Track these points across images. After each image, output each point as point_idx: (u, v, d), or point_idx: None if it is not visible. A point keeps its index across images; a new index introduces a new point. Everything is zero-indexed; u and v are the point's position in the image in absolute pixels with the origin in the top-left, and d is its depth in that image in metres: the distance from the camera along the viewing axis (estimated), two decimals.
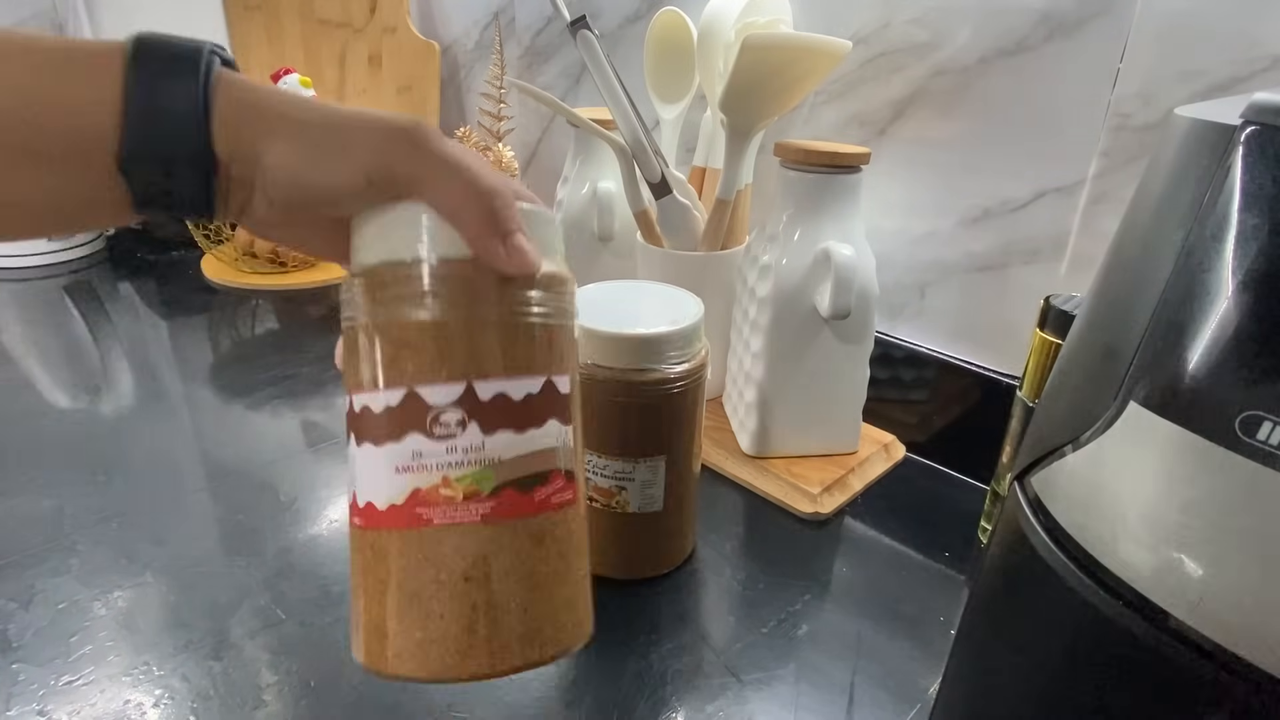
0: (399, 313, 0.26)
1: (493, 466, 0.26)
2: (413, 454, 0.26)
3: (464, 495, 0.26)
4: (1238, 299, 0.19)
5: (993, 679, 0.29)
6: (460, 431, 0.26)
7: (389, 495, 0.26)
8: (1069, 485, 0.24)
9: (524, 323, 0.27)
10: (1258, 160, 0.20)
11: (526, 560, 0.26)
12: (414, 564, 0.26)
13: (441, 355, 0.26)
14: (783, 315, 0.55)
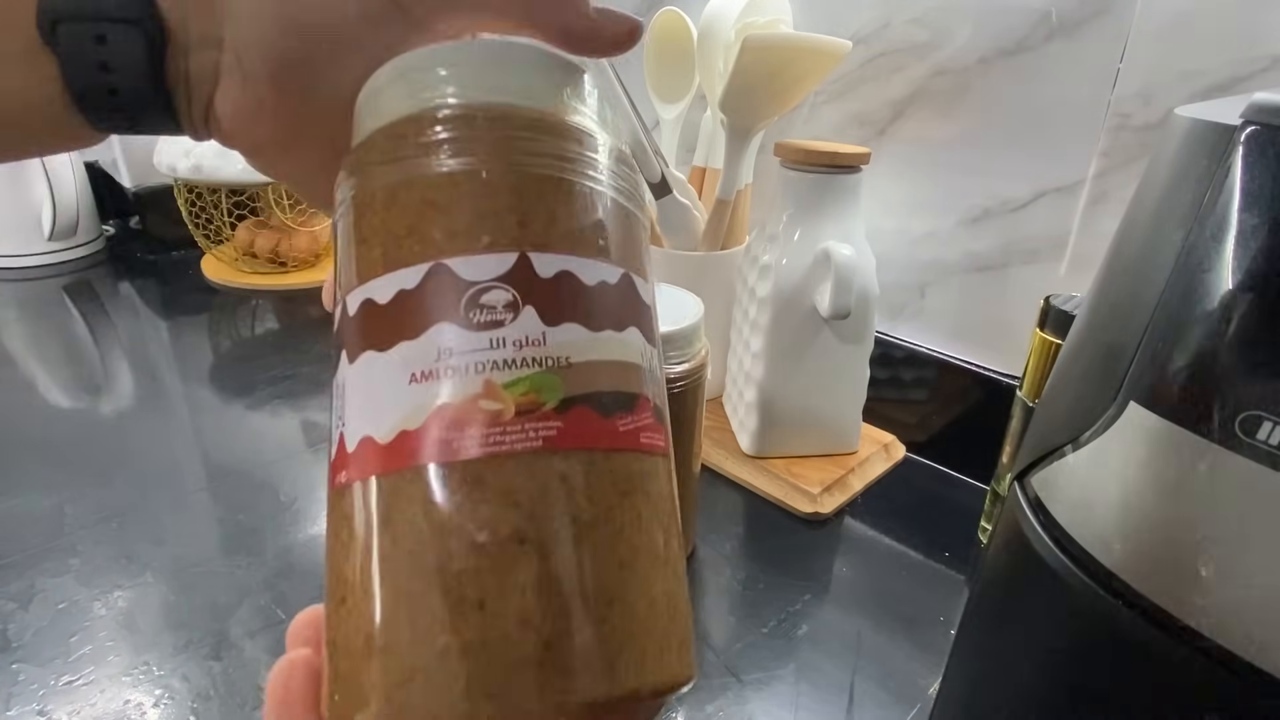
0: (422, 166, 0.18)
1: (559, 370, 0.17)
2: (439, 351, 0.17)
3: (516, 409, 0.17)
4: (1238, 299, 0.19)
5: (993, 679, 0.29)
6: (510, 317, 0.17)
7: (399, 419, 0.17)
8: (1069, 485, 0.24)
9: (594, 189, 0.19)
10: (1258, 160, 0.20)
11: (611, 519, 0.17)
12: (438, 523, 0.16)
13: (482, 216, 0.18)
14: (783, 315, 0.55)
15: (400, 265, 0.18)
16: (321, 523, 0.53)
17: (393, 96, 0.20)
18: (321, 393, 0.71)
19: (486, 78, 0.19)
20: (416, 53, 0.20)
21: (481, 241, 0.17)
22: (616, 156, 0.20)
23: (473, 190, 0.18)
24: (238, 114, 0.21)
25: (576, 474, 0.17)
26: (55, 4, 0.19)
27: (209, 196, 0.95)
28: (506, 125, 0.19)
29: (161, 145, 0.92)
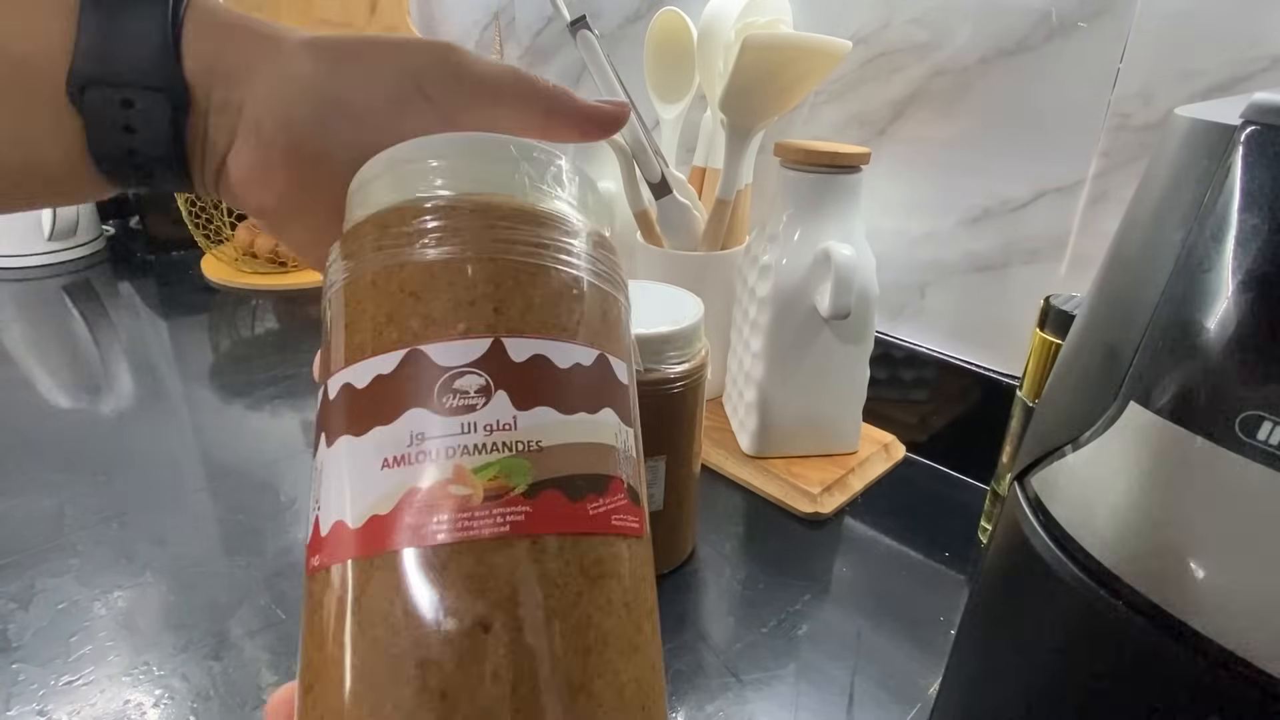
0: (404, 255, 0.19)
1: (529, 454, 0.17)
2: (411, 436, 0.17)
3: (485, 494, 0.16)
4: (1238, 299, 0.19)
5: (993, 679, 0.29)
6: (482, 402, 0.17)
7: (370, 503, 0.17)
8: (1069, 485, 0.24)
9: (571, 274, 0.20)
10: (1258, 160, 0.20)
11: (579, 604, 0.17)
12: (403, 609, 0.16)
13: (458, 303, 0.18)
14: (783, 315, 0.55)
15: (379, 351, 0.18)
16: None
17: (381, 187, 0.20)
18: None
19: (469, 169, 0.20)
20: (405, 145, 0.20)
21: (457, 328, 0.18)
22: (595, 241, 0.21)
23: (451, 278, 0.18)
24: (248, 177, 0.22)
25: (544, 559, 0.16)
26: (87, 69, 0.20)
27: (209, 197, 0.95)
28: (486, 215, 0.19)
29: None
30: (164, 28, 0.20)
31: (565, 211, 0.21)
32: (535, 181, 0.21)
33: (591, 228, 0.21)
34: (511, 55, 0.91)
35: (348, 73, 0.21)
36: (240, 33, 0.21)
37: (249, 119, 0.21)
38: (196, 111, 0.21)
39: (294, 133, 0.21)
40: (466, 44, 0.95)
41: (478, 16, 0.93)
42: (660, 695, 0.18)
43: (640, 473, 0.21)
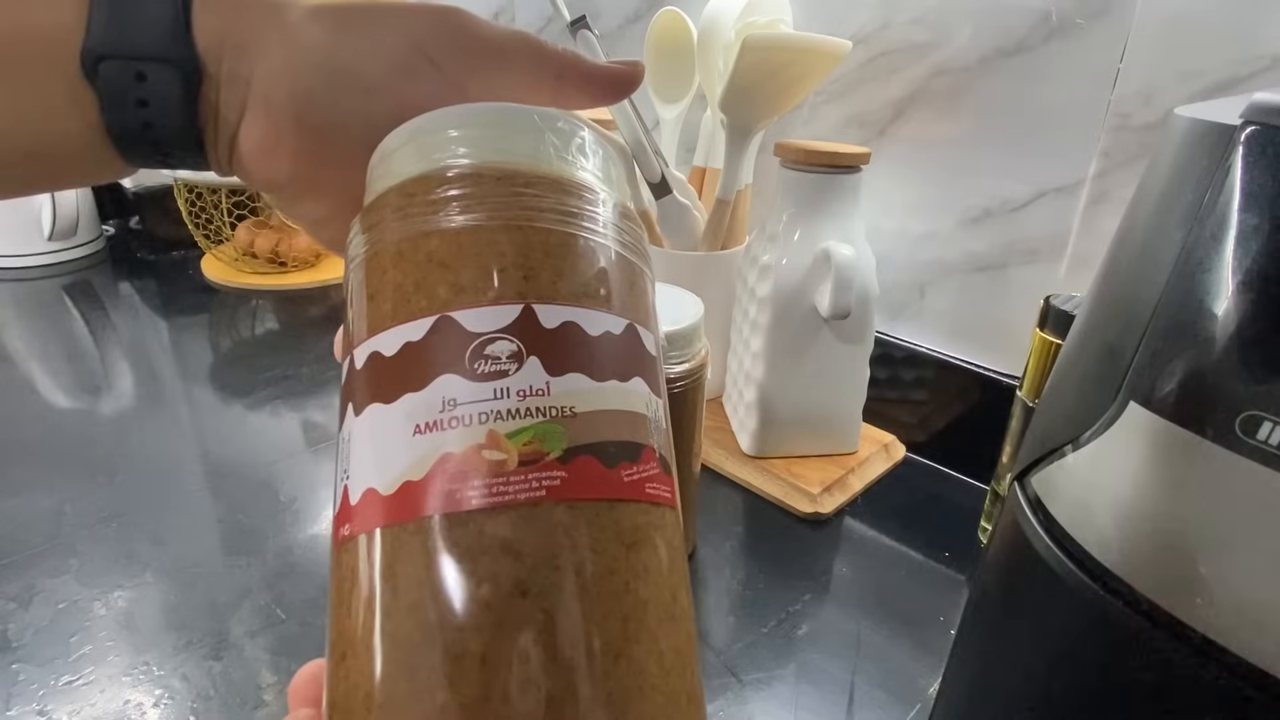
0: (431, 223, 0.19)
1: (562, 419, 0.17)
2: (444, 402, 0.17)
3: (520, 459, 0.16)
4: (1238, 299, 0.19)
5: (993, 679, 0.29)
6: (514, 368, 0.17)
7: (403, 469, 0.17)
8: (1069, 485, 0.24)
9: (599, 242, 0.20)
10: (1258, 160, 0.20)
11: (616, 571, 0.17)
12: (439, 574, 0.16)
13: (486, 270, 0.18)
14: (783, 315, 0.55)
15: (407, 319, 0.18)
16: (321, 523, 0.53)
17: (404, 157, 0.20)
18: (321, 393, 0.71)
19: (494, 139, 0.20)
20: (428, 115, 0.20)
21: (487, 295, 0.18)
22: (621, 212, 0.21)
23: (479, 245, 0.18)
24: (259, 149, 0.22)
25: (580, 525, 0.16)
26: (99, 43, 0.20)
27: (209, 196, 0.95)
28: (512, 182, 0.19)
29: None
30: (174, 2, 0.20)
31: (591, 181, 0.21)
32: (560, 151, 0.20)
33: (617, 199, 0.21)
34: None
35: (352, 41, 0.21)
36: (248, 4, 0.21)
37: (258, 90, 0.21)
38: (208, 84, 0.21)
39: (301, 103, 0.21)
40: None
41: None
42: (696, 668, 0.18)
43: (669, 444, 0.20)
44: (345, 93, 0.21)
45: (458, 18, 0.22)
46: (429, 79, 0.22)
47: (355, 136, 0.22)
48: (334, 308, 0.90)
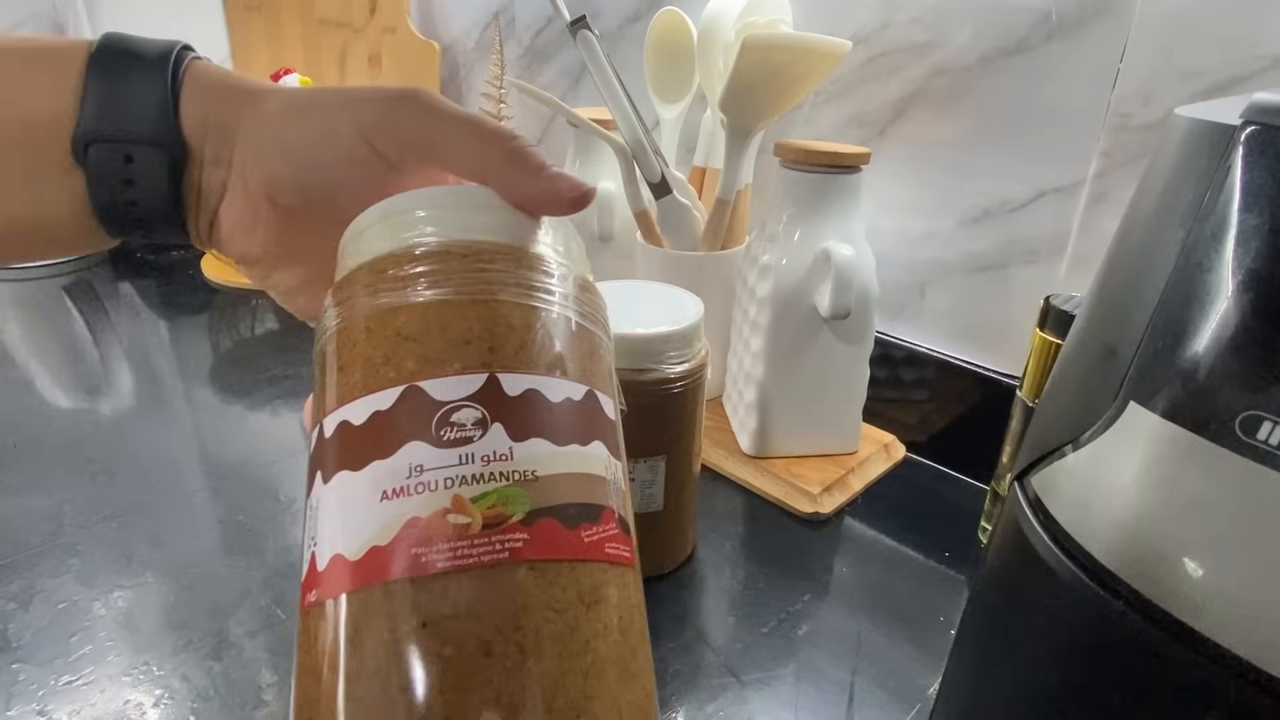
0: (397, 299, 0.19)
1: (525, 483, 0.18)
2: (410, 469, 0.17)
3: (484, 522, 0.17)
4: (1238, 299, 0.19)
5: (993, 679, 0.29)
6: (479, 434, 0.18)
7: (369, 535, 0.17)
8: (1069, 485, 0.24)
9: (559, 314, 0.21)
10: (1258, 160, 0.20)
11: (578, 629, 0.17)
12: (404, 636, 0.16)
13: (453, 342, 0.19)
14: (783, 315, 0.55)
15: (377, 389, 0.19)
16: None
17: (374, 237, 0.22)
18: None
19: (459, 218, 0.21)
20: (399, 197, 0.22)
21: (453, 366, 0.19)
22: (580, 285, 0.22)
23: (445, 319, 0.19)
24: (237, 227, 0.24)
25: (542, 586, 0.17)
26: (90, 128, 0.22)
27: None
28: (478, 258, 0.20)
29: None
30: (164, 89, 0.22)
31: (552, 256, 0.22)
32: (521, 228, 0.22)
33: (577, 272, 0.23)
34: (512, 55, 0.91)
35: (310, 133, 0.23)
36: (229, 92, 0.23)
37: (237, 173, 0.23)
38: (192, 164, 0.23)
39: (273, 188, 0.23)
40: (466, 44, 0.95)
41: (478, 16, 0.93)
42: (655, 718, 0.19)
43: (628, 506, 0.22)
44: (308, 178, 0.23)
45: (407, 108, 0.23)
46: (376, 167, 0.23)
47: (321, 217, 0.23)
48: None
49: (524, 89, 0.58)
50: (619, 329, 0.42)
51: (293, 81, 0.93)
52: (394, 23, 0.96)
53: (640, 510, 0.46)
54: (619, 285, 0.49)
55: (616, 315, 0.43)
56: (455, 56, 0.99)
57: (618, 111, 0.57)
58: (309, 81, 0.94)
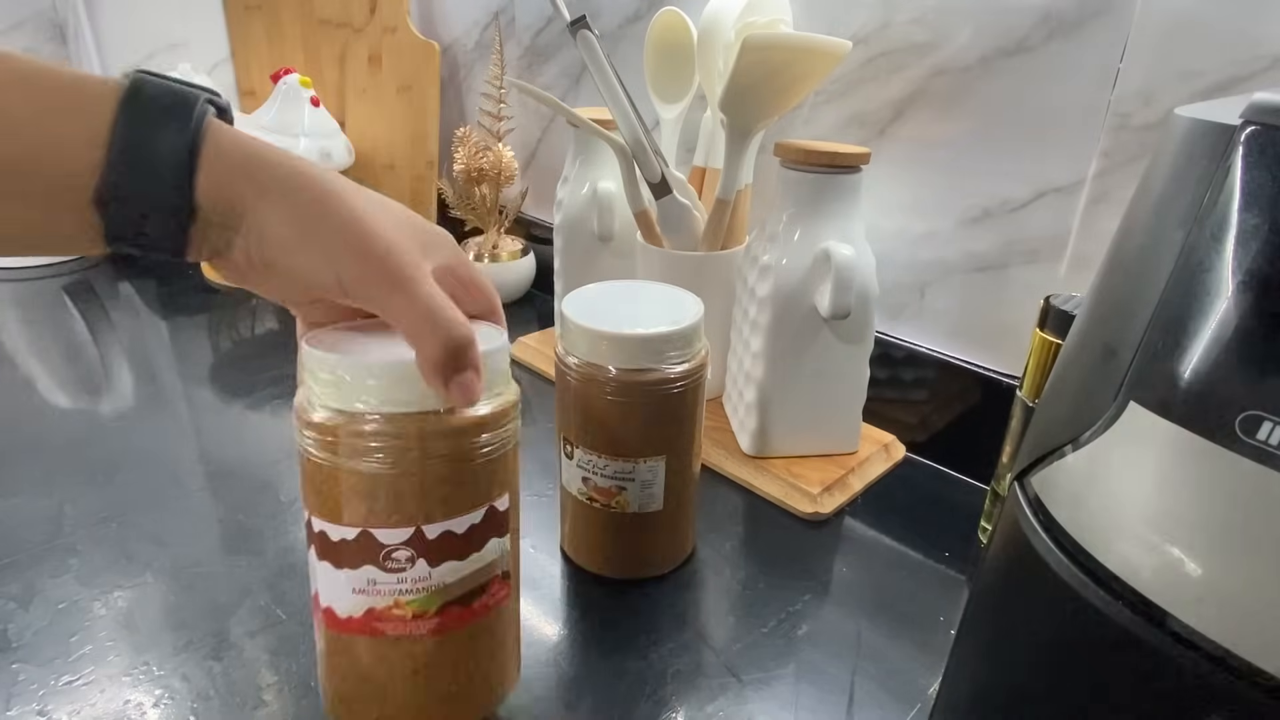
0: (353, 463, 0.29)
1: (438, 592, 0.31)
2: (368, 581, 0.30)
3: (413, 615, 0.31)
4: (1238, 299, 0.19)
5: (993, 678, 0.29)
6: (410, 566, 0.30)
7: (348, 609, 0.31)
8: (1069, 485, 0.24)
9: (470, 466, 0.30)
10: (1258, 160, 0.20)
11: (466, 655, 0.33)
12: (371, 659, 0.32)
13: (392, 504, 0.29)
14: (783, 315, 0.55)
15: (341, 522, 0.30)
16: None
17: (330, 393, 0.29)
18: None
19: (401, 391, 0.28)
20: (351, 362, 0.28)
21: (392, 519, 0.29)
22: (495, 420, 0.30)
23: (385, 487, 0.29)
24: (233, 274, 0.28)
25: (448, 643, 0.32)
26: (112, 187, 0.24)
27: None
28: (419, 439, 0.29)
29: None
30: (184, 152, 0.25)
31: (481, 413, 0.30)
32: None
33: (496, 410, 0.30)
34: (512, 55, 0.91)
35: (301, 264, 0.27)
36: (242, 175, 0.26)
37: (238, 244, 0.27)
38: (199, 223, 0.26)
39: (265, 266, 0.27)
40: (466, 44, 0.95)
41: (478, 16, 0.93)
42: (515, 659, 0.37)
43: (514, 554, 0.34)
44: (293, 276, 0.28)
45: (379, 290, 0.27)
46: (353, 297, 0.28)
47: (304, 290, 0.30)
48: None
49: (524, 89, 0.58)
50: (619, 329, 0.42)
51: (292, 82, 0.93)
52: (394, 23, 0.96)
53: (640, 510, 0.46)
54: (619, 285, 0.49)
55: (617, 315, 0.43)
56: (455, 56, 0.99)
57: (618, 111, 0.57)
58: (309, 82, 0.94)
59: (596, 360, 0.43)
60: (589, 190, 0.70)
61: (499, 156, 0.86)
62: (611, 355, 0.43)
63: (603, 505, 0.46)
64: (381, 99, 1.00)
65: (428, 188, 0.99)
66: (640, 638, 0.44)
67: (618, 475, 0.45)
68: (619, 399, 0.43)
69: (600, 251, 0.72)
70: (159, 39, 1.02)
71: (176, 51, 1.04)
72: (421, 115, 0.97)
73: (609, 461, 0.45)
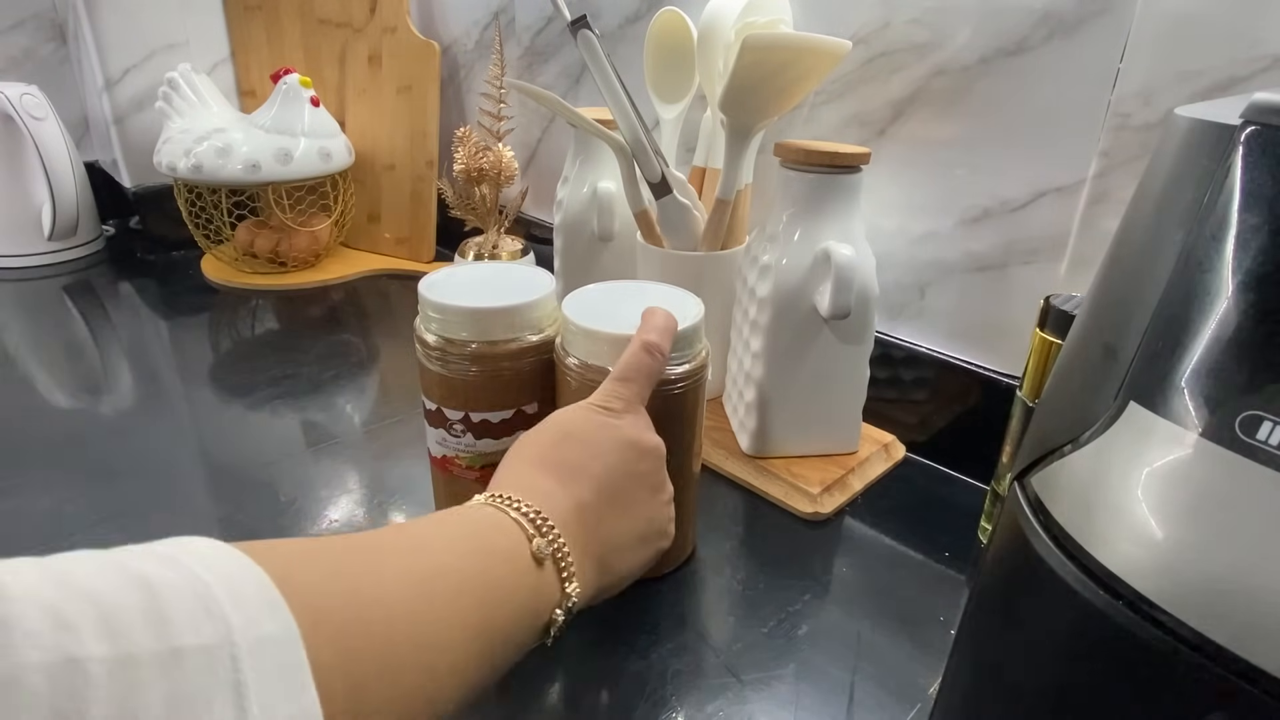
0: (432, 366, 0.46)
1: (479, 456, 0.47)
2: (441, 438, 0.48)
3: (465, 466, 0.48)
4: (1238, 299, 0.19)
5: (993, 679, 0.29)
6: (463, 436, 0.47)
7: (436, 452, 0.49)
8: (1069, 485, 0.24)
9: (500, 379, 0.45)
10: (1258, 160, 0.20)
11: None
12: (449, 485, 0.49)
13: (450, 395, 0.46)
14: (783, 315, 0.55)
15: (431, 399, 0.47)
16: (321, 522, 0.53)
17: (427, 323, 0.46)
18: (321, 393, 0.71)
19: (460, 328, 0.45)
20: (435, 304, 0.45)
21: (451, 403, 0.46)
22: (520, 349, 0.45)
23: (448, 382, 0.46)
24: None
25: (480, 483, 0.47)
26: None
27: (209, 196, 0.95)
28: (464, 355, 0.44)
29: (161, 145, 0.92)
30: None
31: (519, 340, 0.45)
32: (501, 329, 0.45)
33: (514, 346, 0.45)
34: (512, 55, 0.91)
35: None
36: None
37: None
38: None
39: None
40: (466, 44, 0.95)
41: (478, 16, 0.93)
42: None
43: None
44: None
45: None
46: None
47: None
48: (333, 308, 0.90)
49: (524, 89, 0.58)
50: (619, 329, 0.42)
51: (292, 81, 0.93)
52: (394, 23, 0.96)
53: None
54: (619, 285, 0.49)
55: (617, 315, 0.43)
56: (455, 56, 0.99)
57: (618, 111, 0.57)
58: (309, 82, 0.94)
59: (596, 360, 0.43)
60: (589, 190, 0.70)
61: (499, 156, 0.86)
62: (611, 355, 0.43)
63: None
64: (381, 99, 1.00)
65: (428, 188, 0.99)
66: (640, 638, 0.44)
67: None
68: None
69: (600, 251, 0.72)
70: (159, 39, 1.02)
71: (176, 51, 1.04)
72: (421, 115, 0.97)
73: None
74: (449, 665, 0.25)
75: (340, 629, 0.21)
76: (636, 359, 0.38)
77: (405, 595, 0.25)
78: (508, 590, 0.28)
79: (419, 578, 0.26)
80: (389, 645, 0.23)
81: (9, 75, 1.08)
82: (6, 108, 0.94)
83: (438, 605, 0.25)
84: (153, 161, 0.93)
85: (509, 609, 0.28)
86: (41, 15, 1.11)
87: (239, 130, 0.92)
